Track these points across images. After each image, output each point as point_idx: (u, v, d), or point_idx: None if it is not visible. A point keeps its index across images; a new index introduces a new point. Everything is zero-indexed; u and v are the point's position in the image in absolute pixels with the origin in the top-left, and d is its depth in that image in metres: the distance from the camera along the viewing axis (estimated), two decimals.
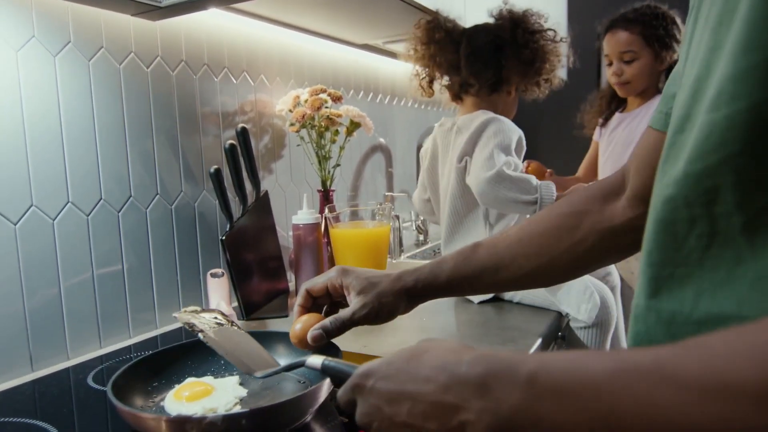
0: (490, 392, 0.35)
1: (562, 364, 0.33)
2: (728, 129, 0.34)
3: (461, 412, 0.36)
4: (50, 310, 0.86)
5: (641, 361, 0.29)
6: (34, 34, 0.83)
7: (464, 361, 0.37)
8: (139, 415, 0.59)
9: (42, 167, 0.85)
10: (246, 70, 1.23)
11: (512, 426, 0.34)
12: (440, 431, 0.37)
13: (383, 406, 0.41)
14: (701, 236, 0.37)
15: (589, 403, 0.30)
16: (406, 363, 0.41)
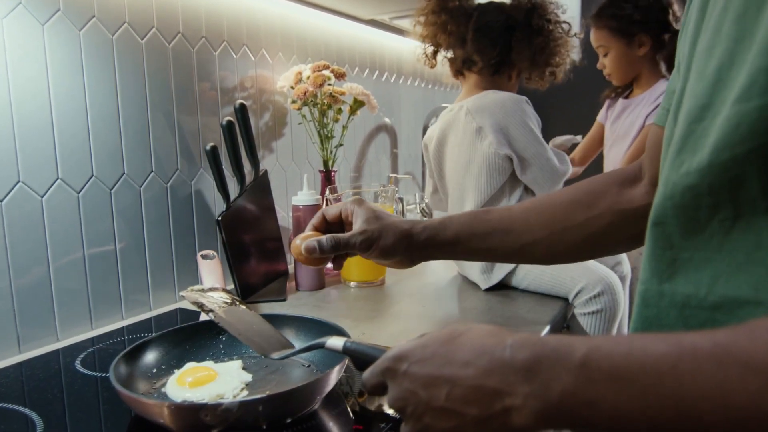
0: (538, 376, 0.34)
1: (618, 349, 0.32)
2: (759, 120, 0.33)
3: (505, 397, 0.35)
4: (39, 290, 0.83)
5: (700, 345, 0.29)
6: (21, 1, 0.79)
7: (507, 345, 0.36)
8: (149, 402, 0.57)
9: (29, 142, 0.81)
10: (246, 44, 1.18)
11: (562, 411, 0.33)
12: (482, 416, 0.36)
13: (419, 391, 0.39)
14: (724, 220, 0.37)
15: (650, 387, 0.29)
16: (442, 346, 0.39)
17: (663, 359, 0.30)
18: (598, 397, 0.32)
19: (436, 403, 0.38)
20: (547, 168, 1.12)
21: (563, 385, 0.33)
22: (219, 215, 0.98)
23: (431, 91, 2.02)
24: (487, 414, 0.36)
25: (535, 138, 1.11)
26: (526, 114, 1.11)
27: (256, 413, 0.54)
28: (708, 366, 0.28)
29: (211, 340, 0.76)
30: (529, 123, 1.11)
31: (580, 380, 0.32)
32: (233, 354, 0.75)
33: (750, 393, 0.26)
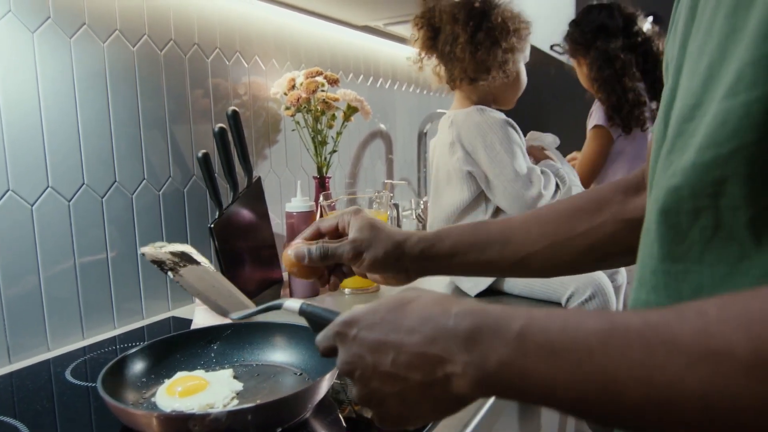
0: (478, 346, 0.35)
1: (554, 323, 0.33)
2: (745, 117, 0.32)
3: (446, 365, 0.36)
4: (29, 300, 0.83)
5: (632, 323, 0.29)
6: (11, 8, 0.79)
7: (452, 314, 0.37)
8: (136, 413, 0.56)
9: (19, 150, 0.80)
10: (239, 51, 1.18)
11: (498, 380, 0.34)
12: (424, 382, 0.37)
13: (366, 355, 0.40)
14: (704, 228, 0.36)
15: (581, 362, 0.30)
16: (390, 312, 0.40)
17: (594, 335, 0.30)
18: (532, 368, 0.32)
19: (383, 368, 0.39)
20: (510, 192, 1.09)
21: (500, 355, 0.34)
22: (212, 222, 0.97)
23: (426, 97, 2.02)
24: (429, 380, 0.37)
25: (500, 161, 1.09)
26: (499, 136, 1.10)
27: (245, 423, 0.53)
28: (636, 344, 0.28)
29: (202, 348, 0.75)
30: (497, 145, 1.09)
31: (516, 351, 0.33)
32: (224, 363, 0.74)
33: (673, 372, 0.27)
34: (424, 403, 0.39)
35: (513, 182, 1.09)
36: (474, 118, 1.12)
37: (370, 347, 0.40)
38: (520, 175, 1.08)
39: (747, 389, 0.24)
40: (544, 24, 1.83)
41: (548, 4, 2.03)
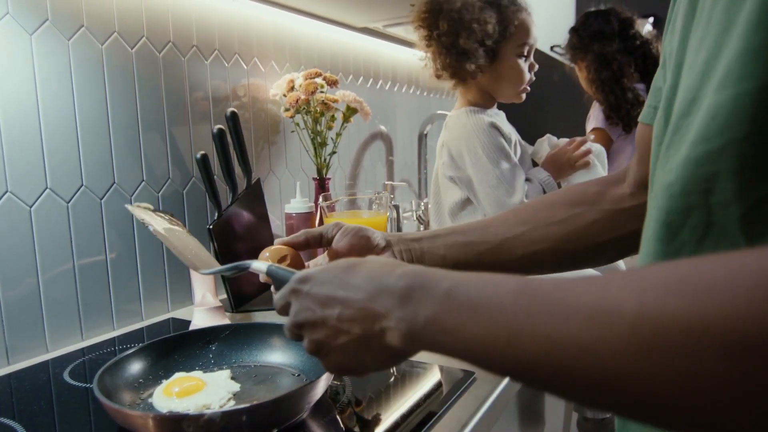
0: (410, 303, 0.37)
1: (476, 283, 0.35)
2: (734, 111, 0.32)
3: (383, 320, 0.39)
4: (28, 301, 0.83)
5: (543, 287, 0.31)
6: (9, 10, 0.79)
7: (394, 274, 0.39)
8: (131, 413, 0.56)
9: (17, 151, 0.81)
10: (238, 53, 1.18)
11: (425, 335, 0.36)
12: (364, 335, 0.40)
13: (316, 309, 0.43)
14: (696, 227, 0.36)
15: (493, 320, 0.32)
16: (341, 271, 0.43)
17: (507, 295, 0.32)
18: (454, 324, 0.34)
19: (330, 321, 0.42)
20: (492, 198, 1.08)
21: (428, 311, 0.36)
22: (211, 224, 0.97)
23: (427, 98, 2.02)
24: (368, 333, 0.40)
25: (482, 167, 1.08)
26: (482, 141, 1.09)
27: (240, 423, 0.53)
28: (542, 304, 0.30)
29: (200, 349, 0.75)
30: (479, 150, 1.09)
31: (442, 308, 0.35)
32: (222, 364, 0.74)
33: (569, 330, 0.28)
34: (365, 355, 0.42)
35: (495, 188, 1.08)
36: (461, 121, 1.13)
37: (319, 301, 0.43)
38: (503, 181, 1.07)
39: (630, 347, 0.26)
40: (545, 26, 1.83)
41: (548, 5, 2.03)
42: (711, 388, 0.24)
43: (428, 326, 0.36)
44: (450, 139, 1.14)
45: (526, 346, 0.30)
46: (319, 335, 0.44)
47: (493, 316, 0.32)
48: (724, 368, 0.23)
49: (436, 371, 0.74)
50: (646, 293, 0.26)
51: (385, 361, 0.43)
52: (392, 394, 0.69)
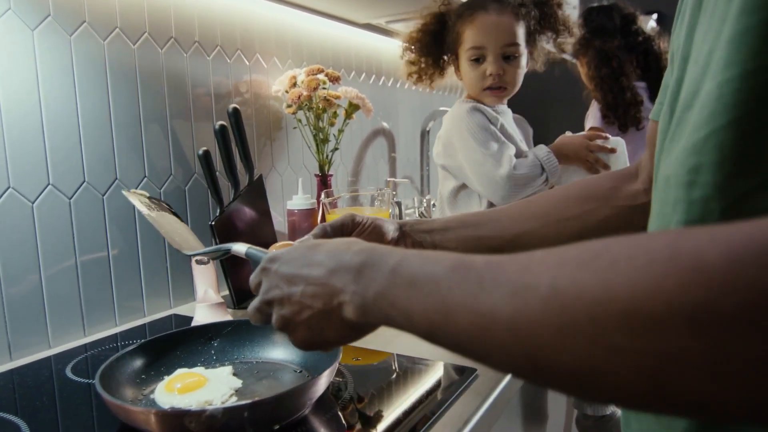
0: (363, 278, 0.39)
1: (418, 260, 0.36)
2: (718, 99, 0.31)
3: (340, 294, 0.41)
4: (30, 298, 0.83)
5: (476, 262, 0.32)
6: (11, 6, 0.79)
7: (351, 251, 0.41)
8: (132, 409, 0.56)
9: (19, 147, 0.81)
10: (240, 49, 1.18)
11: (374, 309, 0.38)
12: (325, 310, 0.42)
13: (282, 286, 0.45)
14: (679, 223, 0.35)
15: (430, 294, 0.34)
16: (306, 250, 0.46)
17: (443, 270, 0.34)
18: (398, 298, 0.36)
19: (294, 298, 0.44)
20: (480, 173, 1.11)
21: (377, 286, 0.38)
22: (213, 220, 0.97)
23: (429, 95, 2.01)
24: (328, 308, 0.42)
25: (469, 147, 1.12)
26: (466, 123, 1.13)
27: (242, 419, 0.53)
28: (472, 278, 0.31)
29: (202, 346, 0.75)
30: (466, 132, 1.12)
31: (388, 283, 0.37)
32: (224, 360, 0.74)
33: (492, 302, 0.29)
34: (327, 329, 0.43)
35: (482, 165, 1.10)
36: (452, 112, 1.18)
37: (285, 278, 0.45)
38: (488, 156, 1.10)
39: (544, 319, 0.27)
40: None
41: None
42: (616, 360, 0.24)
43: (377, 300, 0.38)
44: (444, 130, 1.19)
45: (459, 320, 0.31)
46: (285, 311, 0.46)
47: (430, 291, 0.34)
48: (626, 340, 0.24)
49: (438, 368, 0.74)
50: (561, 268, 0.27)
51: (346, 335, 0.44)
52: (394, 390, 0.69)
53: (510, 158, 1.09)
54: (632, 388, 0.25)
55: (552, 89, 1.84)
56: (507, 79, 1.14)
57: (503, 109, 1.23)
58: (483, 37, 1.12)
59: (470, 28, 1.14)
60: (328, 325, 0.43)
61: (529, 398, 0.98)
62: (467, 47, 1.15)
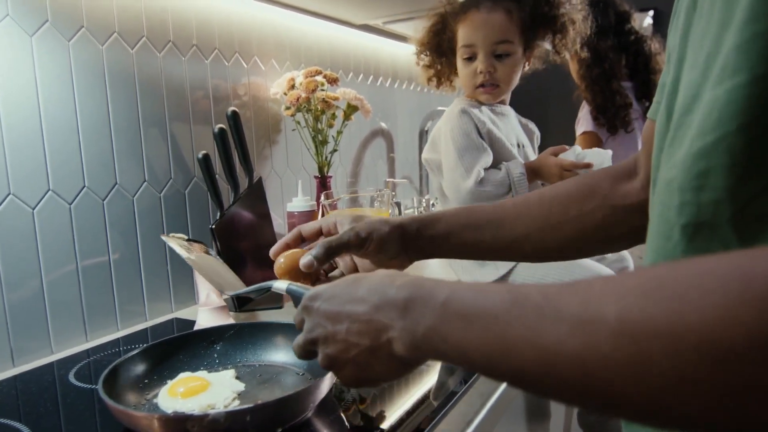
0: (411, 313, 0.39)
1: (470, 294, 0.36)
2: (727, 105, 0.32)
3: (389, 330, 0.40)
4: (32, 303, 0.83)
5: (531, 294, 0.32)
6: (9, 12, 0.79)
7: (395, 285, 0.41)
8: (135, 414, 0.56)
9: (19, 153, 0.81)
10: (238, 52, 1.18)
11: (426, 344, 0.38)
12: (372, 347, 0.42)
13: (326, 324, 0.45)
14: (686, 225, 0.36)
15: (487, 329, 0.33)
16: (347, 286, 0.45)
17: (500, 304, 0.33)
18: (450, 333, 0.36)
19: (339, 336, 0.44)
20: (449, 179, 1.13)
21: (427, 321, 0.37)
22: (213, 223, 0.97)
23: (427, 95, 2.02)
24: (376, 344, 0.41)
25: (447, 149, 1.13)
26: (452, 124, 1.14)
27: (244, 423, 0.53)
28: (531, 312, 0.31)
29: (205, 349, 0.75)
30: (449, 133, 1.13)
31: (440, 319, 0.37)
32: (227, 363, 0.74)
33: (556, 337, 0.29)
34: (376, 366, 0.43)
35: (453, 171, 1.12)
36: (449, 108, 1.20)
37: (328, 317, 0.45)
38: (460, 164, 1.11)
39: (615, 352, 0.26)
40: None
41: None
42: (695, 392, 0.24)
43: (428, 336, 0.37)
44: (435, 126, 1.22)
45: (519, 354, 0.31)
46: (331, 350, 0.45)
47: (487, 326, 0.33)
48: (706, 373, 0.24)
49: (440, 367, 0.74)
50: (625, 299, 0.27)
51: (395, 370, 0.43)
52: (396, 391, 0.69)
53: (479, 172, 1.10)
54: (711, 418, 0.25)
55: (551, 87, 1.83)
56: (498, 77, 1.14)
57: (505, 111, 1.23)
58: (473, 35, 1.13)
59: (462, 27, 1.14)
60: (377, 362, 0.43)
61: (531, 397, 0.98)
62: (460, 45, 1.15)
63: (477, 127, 1.14)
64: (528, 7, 1.12)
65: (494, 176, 1.11)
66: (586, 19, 1.16)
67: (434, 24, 1.20)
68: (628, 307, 0.27)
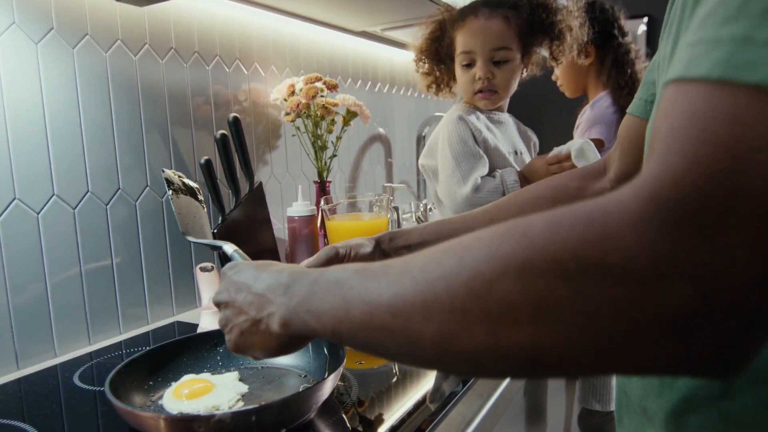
0: (289, 291, 0.44)
1: (336, 270, 0.40)
2: None
3: (270, 306, 0.46)
4: (36, 307, 0.84)
5: (376, 265, 0.37)
6: (15, 20, 0.80)
7: (288, 272, 0.46)
8: (143, 414, 0.57)
9: (25, 159, 0.82)
10: (239, 59, 1.19)
11: (295, 318, 0.42)
12: (255, 318, 0.47)
13: (230, 290, 0.51)
14: None
15: (335, 294, 0.38)
16: (258, 266, 0.51)
17: (350, 274, 0.38)
18: (312, 304, 0.40)
19: (236, 303, 0.50)
20: (445, 186, 1.15)
21: (299, 296, 0.42)
22: (215, 228, 0.99)
23: (424, 100, 2.03)
24: (258, 317, 0.47)
25: (444, 156, 1.15)
26: (449, 130, 1.16)
27: (250, 423, 0.54)
28: (369, 276, 0.36)
29: (208, 352, 0.76)
30: (446, 139, 1.16)
31: (308, 292, 0.41)
32: (230, 365, 0.75)
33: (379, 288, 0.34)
34: (255, 337, 0.48)
35: (449, 177, 1.14)
36: (447, 114, 1.21)
37: (234, 285, 0.51)
38: (457, 171, 1.13)
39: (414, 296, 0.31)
40: None
41: None
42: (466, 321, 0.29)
43: (298, 309, 0.42)
44: (433, 132, 1.23)
45: (355, 311, 0.35)
46: (227, 313, 0.51)
47: (338, 292, 0.38)
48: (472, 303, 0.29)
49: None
50: (432, 254, 0.32)
51: (270, 346, 0.48)
52: (395, 393, 0.70)
53: (475, 180, 1.12)
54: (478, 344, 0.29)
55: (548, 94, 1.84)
56: (497, 83, 1.16)
57: (503, 118, 1.25)
58: (472, 42, 1.14)
59: (461, 33, 1.16)
60: (256, 334, 0.48)
61: (530, 398, 0.99)
62: (458, 52, 1.17)
63: (473, 134, 1.16)
64: (525, 14, 1.13)
65: (489, 184, 1.13)
66: (583, 26, 1.17)
67: (433, 31, 1.22)
68: (432, 259, 0.32)
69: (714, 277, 0.23)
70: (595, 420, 1.51)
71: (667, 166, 0.25)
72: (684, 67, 0.28)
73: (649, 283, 0.24)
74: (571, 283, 0.26)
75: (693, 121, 0.26)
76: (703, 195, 0.24)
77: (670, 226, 0.24)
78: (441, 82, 1.25)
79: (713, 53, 0.27)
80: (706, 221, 0.24)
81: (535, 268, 0.27)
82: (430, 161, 1.21)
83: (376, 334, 0.34)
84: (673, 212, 0.24)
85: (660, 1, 1.75)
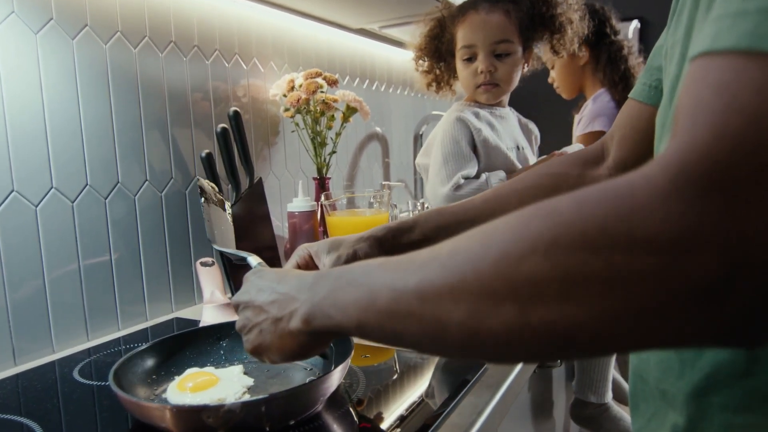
0: (315, 287, 0.44)
1: (361, 264, 0.41)
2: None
3: (295, 303, 0.46)
4: (34, 302, 0.82)
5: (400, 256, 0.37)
6: (14, 9, 0.79)
7: (313, 274, 0.47)
8: (150, 405, 0.56)
9: (23, 151, 0.80)
10: (238, 53, 1.18)
11: (320, 311, 0.43)
12: (276, 317, 0.47)
13: (251, 292, 0.52)
14: None
15: (361, 283, 0.38)
16: (280, 273, 0.52)
17: (374, 265, 0.38)
18: (338, 297, 0.41)
19: (256, 303, 0.50)
20: (431, 183, 1.16)
21: (324, 291, 0.43)
22: None
23: (421, 99, 2.03)
24: (281, 315, 0.47)
25: (435, 154, 1.16)
26: (443, 129, 1.17)
27: (259, 414, 0.53)
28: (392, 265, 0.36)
29: (211, 346, 0.75)
30: (439, 138, 1.16)
31: (333, 287, 0.42)
32: (234, 359, 0.74)
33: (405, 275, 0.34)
34: (273, 337, 0.48)
35: (436, 174, 1.14)
36: (447, 113, 1.21)
37: (256, 286, 0.52)
38: (443, 169, 1.13)
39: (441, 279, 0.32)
40: None
41: None
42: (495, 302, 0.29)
43: (322, 303, 0.42)
44: (432, 132, 1.23)
45: (380, 300, 0.36)
46: (246, 313, 0.52)
47: (363, 282, 0.38)
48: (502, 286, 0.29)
49: (447, 362, 0.74)
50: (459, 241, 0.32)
51: (287, 347, 0.48)
52: (400, 387, 0.69)
53: (458, 179, 1.12)
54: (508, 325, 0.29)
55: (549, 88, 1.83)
56: (499, 76, 1.16)
57: (504, 113, 1.25)
58: (473, 35, 1.14)
59: (461, 28, 1.16)
60: (275, 333, 0.48)
61: (536, 391, 0.99)
62: (460, 47, 1.17)
63: (472, 135, 1.15)
64: (526, 8, 1.13)
65: (471, 184, 1.13)
66: (583, 19, 1.18)
67: (432, 28, 1.22)
68: (459, 245, 0.32)
69: (742, 247, 0.23)
70: (588, 411, 1.50)
71: (694, 138, 0.25)
72: (710, 41, 0.28)
73: (678, 254, 0.24)
74: (601, 257, 0.25)
75: (720, 92, 0.26)
76: (731, 166, 0.24)
77: (698, 197, 0.24)
78: (441, 80, 1.25)
79: (740, 25, 0.27)
80: (735, 192, 0.24)
81: (564, 244, 0.27)
82: (426, 160, 1.22)
83: (403, 321, 0.34)
84: (701, 184, 0.24)
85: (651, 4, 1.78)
